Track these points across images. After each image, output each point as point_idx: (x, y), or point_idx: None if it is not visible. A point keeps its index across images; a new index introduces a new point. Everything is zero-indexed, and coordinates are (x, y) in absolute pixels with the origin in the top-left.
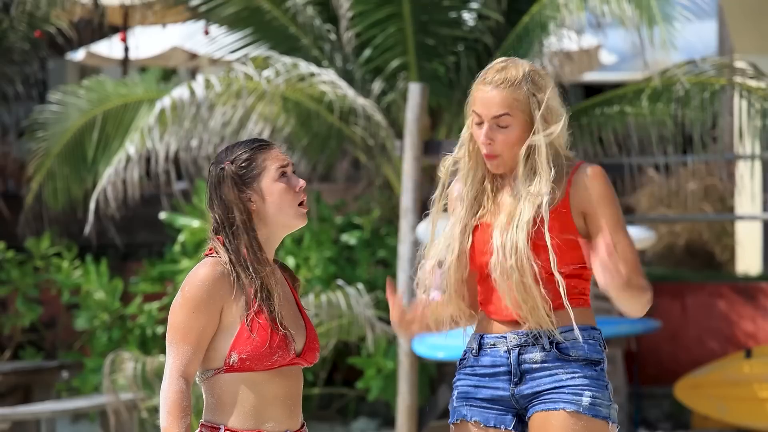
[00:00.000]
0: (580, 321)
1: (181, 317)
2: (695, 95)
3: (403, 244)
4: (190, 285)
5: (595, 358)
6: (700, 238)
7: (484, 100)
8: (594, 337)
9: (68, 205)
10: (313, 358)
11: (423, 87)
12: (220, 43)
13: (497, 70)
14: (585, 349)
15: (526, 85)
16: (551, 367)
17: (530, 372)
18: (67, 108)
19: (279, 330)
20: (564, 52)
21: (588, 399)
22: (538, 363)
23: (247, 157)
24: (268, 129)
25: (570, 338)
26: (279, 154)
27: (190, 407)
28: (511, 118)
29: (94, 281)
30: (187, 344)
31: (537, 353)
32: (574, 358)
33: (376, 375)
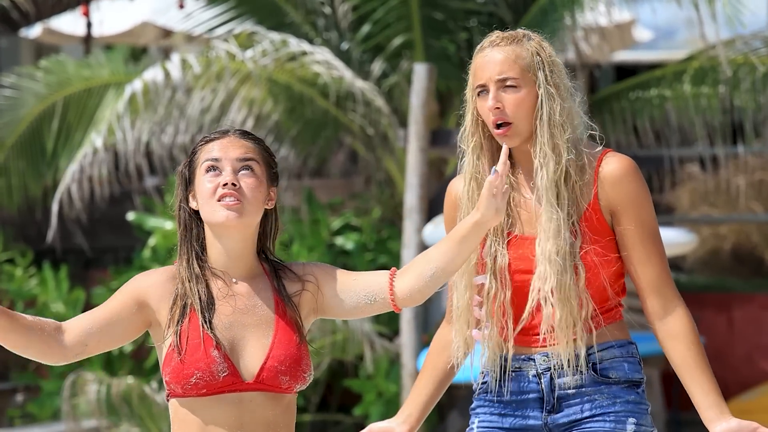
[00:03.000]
0: (618, 336)
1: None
2: (745, 76)
3: (407, 249)
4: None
5: (636, 378)
6: (749, 241)
7: (485, 64)
8: (632, 354)
9: (25, 205)
10: (275, 382)
11: (430, 68)
12: (198, 19)
13: (496, 35)
14: (625, 369)
15: (529, 43)
16: (590, 392)
17: (566, 398)
18: (21, 93)
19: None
20: (593, 28)
21: (632, 427)
22: (574, 388)
23: (190, 158)
24: (253, 116)
25: (608, 357)
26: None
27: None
28: (518, 76)
29: (52, 291)
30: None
31: (572, 377)
32: (615, 380)
33: (376, 399)
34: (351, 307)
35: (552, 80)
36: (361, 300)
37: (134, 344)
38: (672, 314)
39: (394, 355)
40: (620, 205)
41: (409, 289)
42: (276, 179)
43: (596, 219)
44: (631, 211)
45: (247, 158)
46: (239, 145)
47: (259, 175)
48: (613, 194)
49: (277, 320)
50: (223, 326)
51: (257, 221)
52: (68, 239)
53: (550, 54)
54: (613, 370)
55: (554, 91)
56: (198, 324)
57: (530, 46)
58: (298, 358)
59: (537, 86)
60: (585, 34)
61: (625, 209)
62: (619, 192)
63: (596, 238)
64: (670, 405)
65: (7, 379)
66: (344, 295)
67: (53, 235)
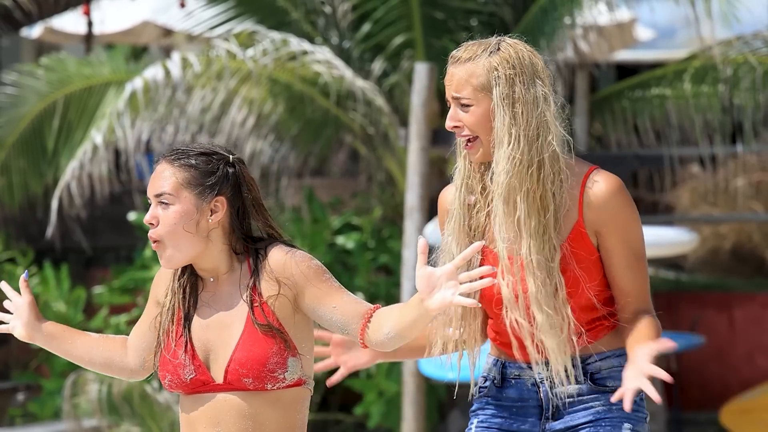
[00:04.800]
0: (615, 345)
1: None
2: (745, 75)
3: (408, 248)
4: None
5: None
6: (750, 241)
7: (446, 81)
8: None
9: (26, 203)
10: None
11: (431, 67)
12: (199, 18)
13: (464, 47)
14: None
15: (488, 58)
16: (587, 400)
17: (564, 406)
18: (23, 91)
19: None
20: (594, 27)
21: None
22: (572, 397)
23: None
24: (254, 115)
25: (606, 367)
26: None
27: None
28: (470, 95)
29: (54, 290)
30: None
31: (570, 387)
32: (612, 389)
33: (377, 399)
34: (325, 325)
35: (510, 95)
36: (334, 327)
37: None
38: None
39: None
40: (605, 226)
41: (375, 340)
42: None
43: (582, 239)
44: (617, 233)
45: (160, 193)
46: (158, 178)
47: (180, 204)
48: (599, 215)
49: (248, 320)
50: (201, 326)
51: (194, 249)
52: (69, 238)
53: (516, 63)
54: (611, 379)
55: (509, 107)
56: (180, 324)
57: (490, 61)
58: (263, 359)
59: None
60: (585, 33)
61: (611, 230)
62: (605, 213)
63: (582, 255)
64: (671, 404)
65: (8, 379)
66: (318, 316)
67: (54, 234)
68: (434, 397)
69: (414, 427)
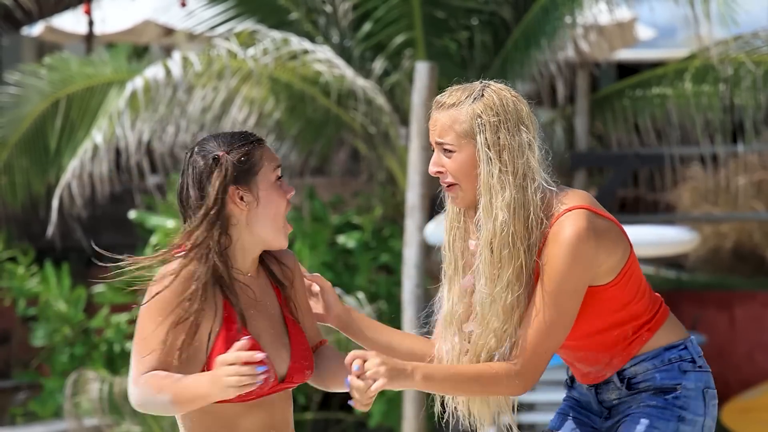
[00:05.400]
0: (649, 347)
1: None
2: (746, 75)
3: (409, 247)
4: (156, 283)
5: (668, 385)
6: (751, 240)
7: (431, 125)
8: (669, 360)
9: (28, 202)
10: (301, 377)
11: (432, 66)
12: (199, 17)
13: (448, 92)
14: (657, 378)
15: (472, 104)
16: (627, 400)
17: (612, 408)
18: (25, 90)
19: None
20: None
21: (643, 428)
22: (615, 400)
23: (247, 150)
24: (255, 114)
25: (641, 371)
26: (272, 153)
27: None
28: (453, 141)
29: (54, 290)
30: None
31: (612, 392)
32: (644, 389)
33: (378, 398)
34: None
35: (493, 142)
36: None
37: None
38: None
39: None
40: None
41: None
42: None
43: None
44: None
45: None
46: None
47: None
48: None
49: (285, 314)
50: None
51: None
52: (70, 237)
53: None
54: (645, 381)
55: (494, 154)
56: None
57: (474, 108)
58: (308, 350)
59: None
60: (586, 32)
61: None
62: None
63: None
64: None
65: (9, 378)
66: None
67: (55, 233)
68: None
69: (415, 426)
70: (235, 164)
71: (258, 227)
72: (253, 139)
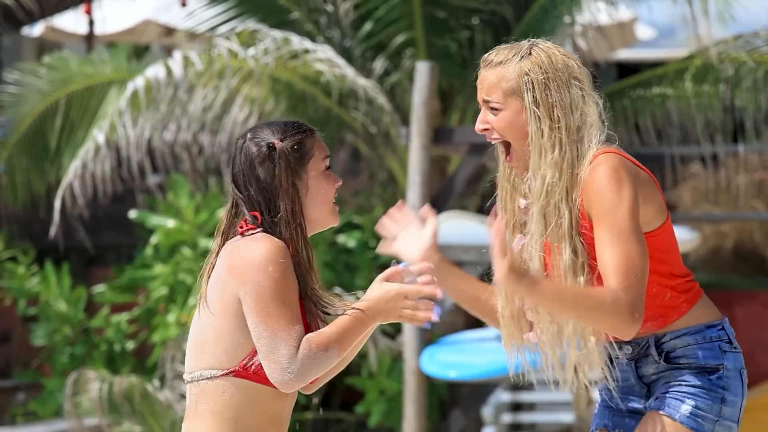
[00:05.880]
0: (690, 322)
1: (279, 302)
2: (747, 75)
3: None
4: (273, 262)
5: (711, 364)
6: (751, 239)
7: (478, 84)
8: (710, 338)
9: (28, 202)
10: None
11: (432, 66)
12: (200, 17)
13: (495, 50)
14: (699, 356)
15: (519, 62)
16: (666, 375)
17: (652, 384)
18: (25, 90)
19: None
20: (595, 26)
21: (688, 408)
22: (654, 374)
23: (299, 139)
24: (256, 114)
25: (681, 345)
26: (323, 143)
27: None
28: (500, 99)
29: (55, 289)
30: (299, 324)
31: (650, 366)
32: (686, 365)
33: (378, 397)
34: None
35: (543, 100)
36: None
37: (136, 342)
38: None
39: (396, 353)
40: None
41: None
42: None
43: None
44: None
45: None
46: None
47: None
48: (587, 197)
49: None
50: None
51: None
52: (71, 237)
53: (549, 67)
54: (685, 357)
55: (543, 112)
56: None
57: (521, 66)
58: None
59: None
60: (585, 31)
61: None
62: (590, 193)
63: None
64: None
65: (10, 377)
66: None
67: (56, 232)
68: (435, 395)
69: (415, 425)
70: (289, 151)
71: (307, 212)
72: (305, 128)
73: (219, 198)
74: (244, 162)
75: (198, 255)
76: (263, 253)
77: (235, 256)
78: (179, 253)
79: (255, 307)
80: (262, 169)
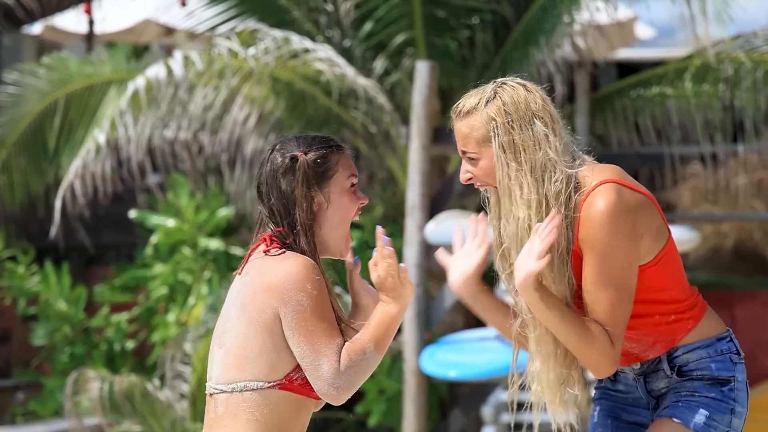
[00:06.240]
0: (701, 336)
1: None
2: (746, 74)
3: (409, 246)
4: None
5: (724, 376)
6: (751, 239)
7: (455, 135)
8: (721, 351)
9: (27, 202)
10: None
11: (432, 66)
12: (200, 17)
13: (463, 98)
14: (712, 368)
15: (485, 108)
16: (677, 387)
17: (661, 398)
18: (24, 90)
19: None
20: (595, 26)
21: (702, 418)
22: (664, 388)
23: (324, 154)
24: (256, 113)
25: (694, 359)
26: (350, 161)
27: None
28: (475, 149)
29: (55, 289)
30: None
31: (661, 380)
32: (698, 377)
33: (378, 397)
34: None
35: (508, 144)
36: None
37: (136, 341)
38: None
39: (396, 352)
40: (584, 241)
41: None
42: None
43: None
44: (592, 249)
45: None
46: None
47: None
48: (582, 230)
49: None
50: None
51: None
52: (71, 236)
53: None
54: (698, 370)
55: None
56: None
57: (487, 112)
58: None
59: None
60: (585, 31)
61: (587, 246)
62: (586, 228)
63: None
64: None
65: (10, 377)
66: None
67: (56, 232)
68: (435, 395)
69: (415, 425)
70: (310, 164)
71: (325, 228)
72: (332, 144)
73: (219, 197)
74: (268, 172)
75: (198, 254)
76: (301, 272)
77: (270, 274)
78: (179, 252)
79: (297, 327)
80: (284, 180)
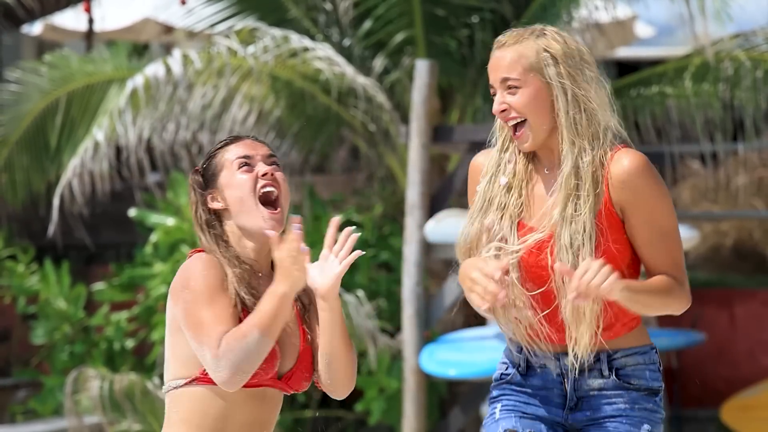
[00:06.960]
0: (641, 342)
1: (201, 312)
2: (746, 73)
3: (409, 245)
4: (193, 277)
5: (655, 387)
6: (751, 238)
7: (491, 66)
8: (653, 360)
9: (28, 200)
10: (299, 386)
11: (432, 64)
12: (199, 15)
13: (507, 34)
14: (647, 376)
15: (536, 40)
16: (610, 395)
17: (587, 398)
18: (26, 88)
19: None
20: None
21: None
22: (596, 390)
23: (209, 157)
24: (255, 112)
25: (631, 363)
26: (245, 145)
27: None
28: (519, 76)
29: (54, 288)
30: (219, 324)
31: (595, 380)
32: (635, 387)
33: (378, 395)
34: None
35: (566, 73)
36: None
37: (136, 340)
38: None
39: (396, 351)
40: (628, 203)
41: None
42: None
43: (611, 216)
44: (640, 211)
45: (272, 155)
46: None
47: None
48: (624, 195)
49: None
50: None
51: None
52: (70, 235)
53: (564, 47)
54: (635, 377)
55: (569, 84)
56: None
57: (538, 43)
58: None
59: (548, 82)
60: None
61: (634, 208)
62: (627, 191)
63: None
64: (672, 401)
65: (9, 376)
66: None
67: (55, 231)
68: (435, 394)
69: (415, 424)
70: (198, 174)
71: (237, 218)
72: (221, 143)
73: None
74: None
75: None
76: (187, 271)
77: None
78: (179, 251)
79: (184, 323)
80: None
